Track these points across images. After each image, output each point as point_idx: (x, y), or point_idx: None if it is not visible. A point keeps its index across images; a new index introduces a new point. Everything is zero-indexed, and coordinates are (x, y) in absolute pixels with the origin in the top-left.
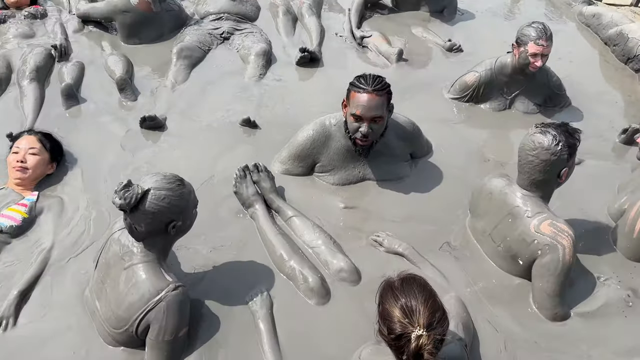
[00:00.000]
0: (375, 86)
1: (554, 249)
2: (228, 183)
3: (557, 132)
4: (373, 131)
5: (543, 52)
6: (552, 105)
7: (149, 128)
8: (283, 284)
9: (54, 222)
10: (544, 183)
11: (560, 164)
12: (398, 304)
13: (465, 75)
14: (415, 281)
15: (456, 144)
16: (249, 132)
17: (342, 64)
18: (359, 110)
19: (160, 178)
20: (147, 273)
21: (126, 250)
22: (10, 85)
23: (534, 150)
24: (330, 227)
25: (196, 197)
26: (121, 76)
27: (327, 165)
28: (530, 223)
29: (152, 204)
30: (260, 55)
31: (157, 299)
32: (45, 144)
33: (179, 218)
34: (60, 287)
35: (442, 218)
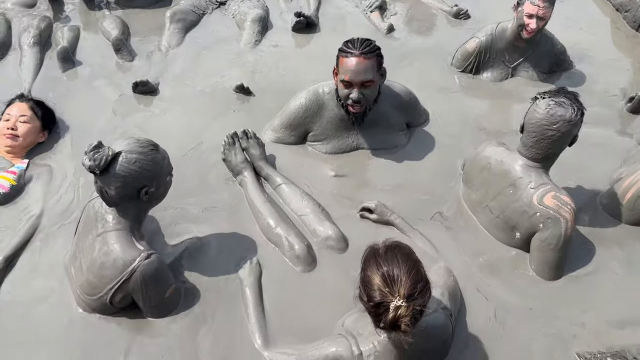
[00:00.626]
0: (363, 49)
1: (556, 223)
2: (218, 149)
3: (571, 101)
4: (364, 97)
5: (538, 13)
6: (559, 71)
7: (142, 93)
8: (270, 251)
9: (43, 190)
10: (556, 155)
11: (575, 132)
12: (380, 272)
13: (466, 43)
14: (400, 250)
15: (454, 113)
16: (242, 98)
17: (340, 29)
18: (348, 76)
19: (133, 141)
20: (119, 242)
21: (100, 218)
22: (11, 50)
23: (554, 124)
24: (320, 195)
25: (171, 164)
26: (117, 36)
27: (320, 134)
28: (534, 195)
29: (122, 167)
30: (256, 21)
31: (130, 269)
32: (37, 111)
33: (151, 184)
34: (48, 254)
35: (435, 188)
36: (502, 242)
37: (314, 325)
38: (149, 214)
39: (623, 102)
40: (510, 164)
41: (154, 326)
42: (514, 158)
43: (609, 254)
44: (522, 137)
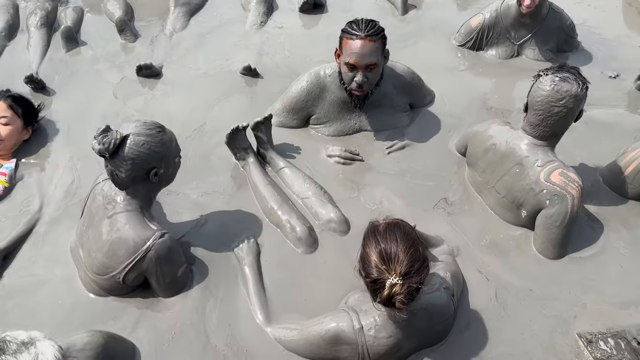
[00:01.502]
0: (368, 31)
1: (562, 199)
2: (221, 131)
3: (575, 76)
4: (368, 80)
5: None
6: (567, 50)
7: (146, 76)
8: (272, 233)
9: (37, 184)
10: (563, 131)
11: (581, 107)
12: (377, 249)
13: (471, 19)
14: (399, 228)
15: (460, 92)
16: (247, 81)
17: (347, 7)
18: (353, 59)
19: (140, 124)
20: (131, 222)
21: (109, 200)
22: (19, 32)
23: (561, 100)
24: (322, 178)
25: (179, 145)
26: (120, 17)
27: (322, 117)
28: (541, 172)
29: (131, 150)
30: (261, 2)
31: (145, 248)
32: (17, 109)
33: (160, 165)
34: (52, 239)
35: (440, 172)
36: (508, 221)
37: (316, 303)
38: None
39: (633, 80)
40: (516, 143)
41: (159, 307)
42: (519, 137)
43: (615, 234)
44: (526, 116)
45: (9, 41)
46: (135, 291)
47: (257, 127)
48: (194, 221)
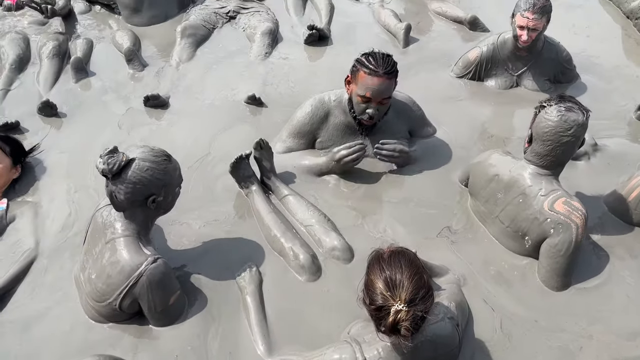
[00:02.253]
0: (386, 69)
1: (567, 228)
2: (226, 160)
3: (577, 105)
4: (379, 112)
5: (529, 25)
6: (564, 81)
7: (153, 107)
8: (275, 260)
9: (31, 223)
10: (568, 159)
11: (584, 134)
12: (382, 276)
13: (469, 52)
14: (404, 255)
15: (460, 123)
16: (251, 110)
17: (350, 40)
18: (369, 93)
19: (147, 150)
20: (127, 247)
21: (109, 225)
22: (30, 64)
23: (569, 130)
24: (326, 205)
25: (181, 175)
26: (129, 47)
27: (326, 141)
28: (545, 201)
29: (134, 174)
30: (266, 34)
31: (137, 274)
32: (5, 148)
33: (159, 192)
34: (53, 268)
35: (443, 201)
36: (513, 251)
37: (318, 333)
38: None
39: (633, 111)
40: (519, 172)
41: (159, 334)
42: (523, 166)
43: (621, 263)
44: (531, 147)
45: (19, 73)
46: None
47: (259, 153)
48: (196, 249)
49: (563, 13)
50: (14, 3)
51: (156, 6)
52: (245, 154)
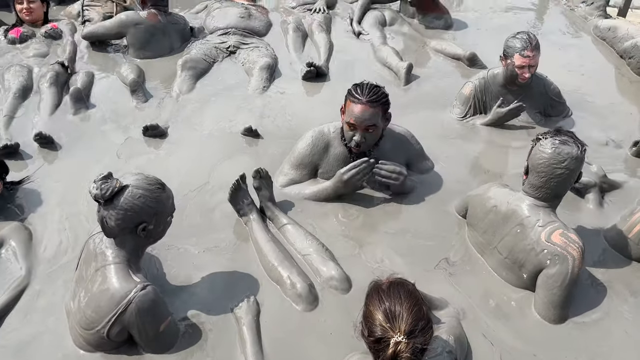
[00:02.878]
0: (370, 97)
1: (563, 260)
2: (224, 189)
3: (573, 138)
4: (366, 140)
5: (530, 63)
6: (553, 115)
7: (152, 136)
8: (272, 289)
9: (24, 249)
10: (565, 192)
11: (580, 168)
12: (382, 307)
13: (462, 89)
14: (403, 286)
15: (458, 158)
16: (249, 142)
17: (348, 76)
18: (353, 119)
19: (142, 177)
20: (116, 275)
21: (99, 252)
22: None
23: (563, 162)
24: (324, 234)
25: (174, 205)
26: (134, 79)
27: (326, 171)
28: (542, 232)
29: (126, 200)
30: (264, 69)
31: (126, 301)
32: None
33: (150, 220)
34: (46, 294)
35: (441, 232)
36: (511, 283)
37: None
38: (152, 252)
39: (629, 147)
40: (517, 204)
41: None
42: (520, 198)
43: (620, 298)
44: (527, 179)
45: (22, 101)
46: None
47: (258, 182)
48: (194, 276)
49: (557, 52)
50: (17, 37)
51: (162, 39)
52: (241, 176)
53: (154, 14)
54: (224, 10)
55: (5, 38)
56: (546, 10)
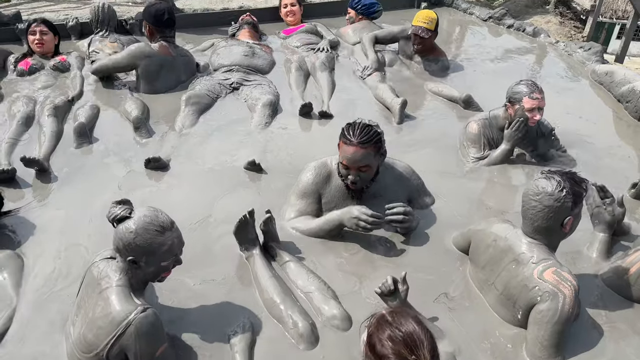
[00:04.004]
0: (361, 138)
1: (554, 297)
2: (225, 223)
3: (562, 179)
4: (361, 178)
5: (539, 105)
6: (549, 148)
7: (154, 169)
8: (272, 326)
9: (15, 276)
10: (548, 231)
11: (564, 212)
12: (398, 338)
13: (468, 129)
14: (408, 314)
15: (457, 195)
16: (251, 176)
17: (350, 115)
18: (345, 161)
19: (148, 215)
20: (117, 296)
21: (103, 276)
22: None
23: (537, 195)
24: (324, 270)
25: (172, 252)
26: (137, 115)
27: (328, 202)
28: (535, 269)
29: (120, 231)
30: (267, 105)
31: (125, 323)
32: None
33: (140, 258)
34: (41, 321)
35: (441, 267)
36: (507, 320)
37: None
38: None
39: (627, 189)
40: (514, 240)
41: None
42: (518, 235)
43: (624, 340)
44: None
45: (27, 129)
46: None
47: (266, 227)
48: (189, 307)
49: (556, 95)
50: (26, 69)
51: (172, 71)
52: (249, 211)
53: (165, 46)
54: (229, 48)
55: (15, 69)
56: (544, 55)
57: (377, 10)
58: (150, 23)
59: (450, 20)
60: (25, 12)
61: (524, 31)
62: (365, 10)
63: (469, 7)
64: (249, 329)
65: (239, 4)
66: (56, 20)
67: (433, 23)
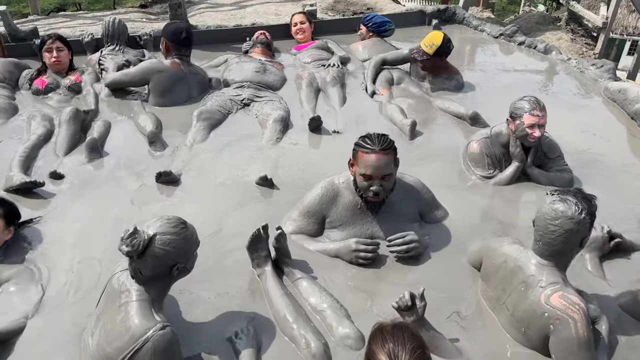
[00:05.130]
0: (382, 145)
1: (565, 324)
2: (237, 236)
3: (577, 200)
4: (384, 188)
5: (539, 122)
6: (552, 166)
7: (164, 183)
8: (285, 345)
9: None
10: (564, 253)
11: (583, 233)
12: (385, 348)
13: (469, 150)
14: (407, 329)
15: (467, 209)
16: (262, 192)
17: (360, 130)
18: (369, 170)
19: (164, 222)
20: (138, 311)
21: (124, 289)
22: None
23: (556, 219)
24: (335, 287)
25: (197, 236)
26: (152, 130)
27: (335, 221)
28: (542, 294)
29: (158, 249)
30: (278, 121)
31: (144, 339)
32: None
33: (183, 260)
34: (55, 333)
35: (453, 285)
36: (518, 341)
37: None
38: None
39: None
40: (524, 261)
41: None
42: (528, 256)
43: None
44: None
45: (44, 144)
46: None
47: (278, 243)
48: (204, 321)
49: (568, 112)
50: (42, 89)
51: (183, 87)
52: (263, 226)
53: (177, 63)
54: (241, 64)
55: (30, 87)
56: (556, 72)
57: (389, 29)
58: (168, 40)
59: (461, 37)
60: (42, 27)
61: (535, 48)
62: (376, 29)
63: (480, 24)
64: (254, 335)
65: (251, 20)
66: (72, 36)
67: (433, 48)
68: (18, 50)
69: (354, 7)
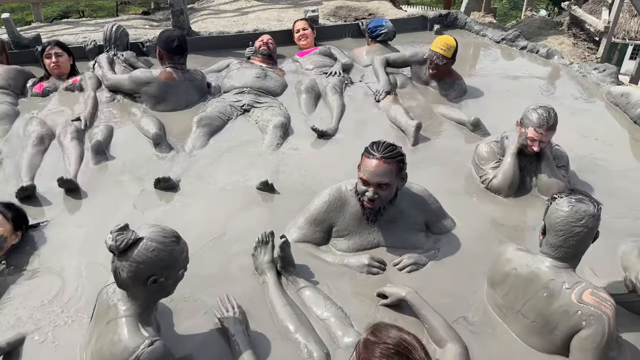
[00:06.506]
0: (384, 153)
1: (599, 320)
2: (239, 241)
3: (588, 197)
4: (379, 197)
5: (541, 139)
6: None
7: (163, 189)
8: (287, 354)
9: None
10: (583, 252)
11: (598, 226)
12: (391, 351)
13: (478, 152)
14: (385, 324)
15: (471, 214)
16: (263, 196)
17: (360, 134)
18: (365, 175)
19: (158, 230)
20: (125, 328)
21: (112, 304)
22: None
23: (581, 220)
24: (339, 293)
25: (188, 258)
26: (156, 132)
27: (342, 229)
28: (571, 294)
29: (139, 253)
30: (278, 127)
31: (134, 357)
32: (7, 214)
33: (161, 274)
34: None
35: (458, 291)
36: (536, 348)
37: None
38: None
39: None
40: (537, 266)
41: None
42: (539, 260)
43: None
44: (545, 238)
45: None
46: None
47: (283, 251)
48: (208, 329)
49: (570, 116)
50: (40, 92)
51: (178, 94)
52: (270, 232)
53: (169, 72)
54: (242, 70)
55: (31, 93)
56: (558, 76)
57: (381, 34)
58: (161, 48)
59: (463, 42)
60: (45, 35)
61: (537, 53)
62: (370, 34)
63: (482, 29)
64: (240, 312)
65: (254, 27)
66: (74, 43)
67: (451, 51)
68: (21, 57)
69: (356, 13)
